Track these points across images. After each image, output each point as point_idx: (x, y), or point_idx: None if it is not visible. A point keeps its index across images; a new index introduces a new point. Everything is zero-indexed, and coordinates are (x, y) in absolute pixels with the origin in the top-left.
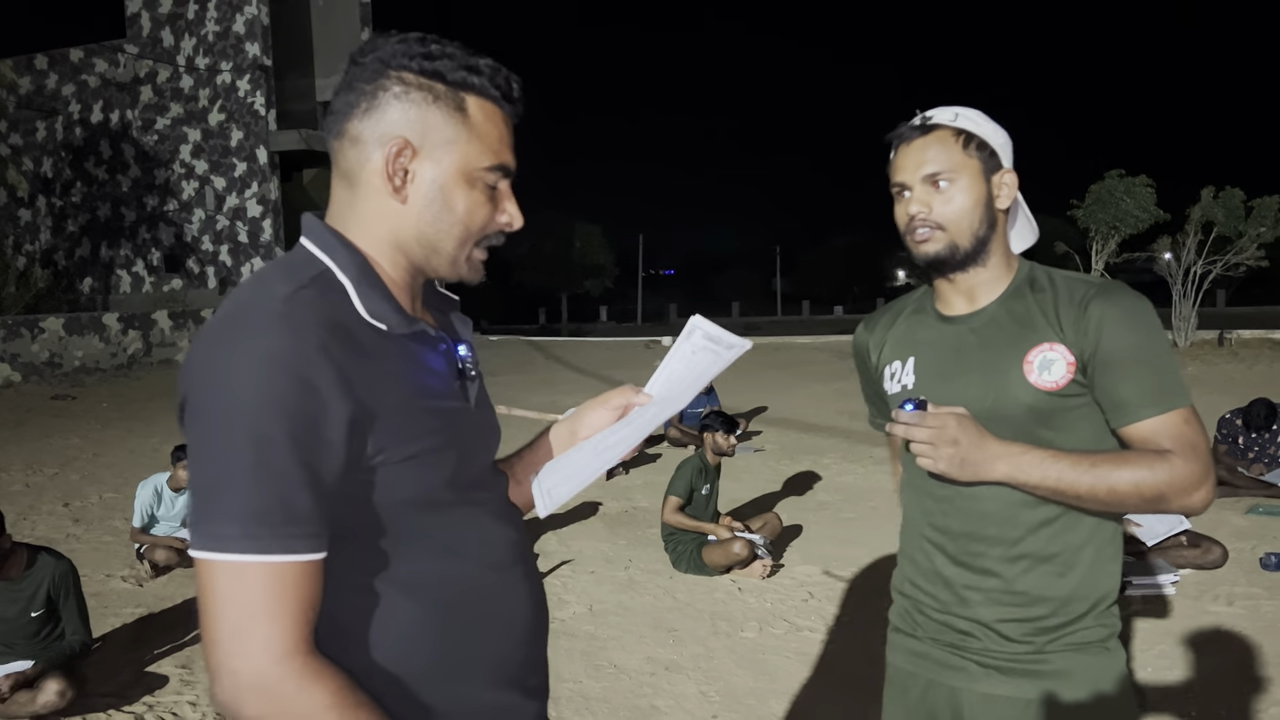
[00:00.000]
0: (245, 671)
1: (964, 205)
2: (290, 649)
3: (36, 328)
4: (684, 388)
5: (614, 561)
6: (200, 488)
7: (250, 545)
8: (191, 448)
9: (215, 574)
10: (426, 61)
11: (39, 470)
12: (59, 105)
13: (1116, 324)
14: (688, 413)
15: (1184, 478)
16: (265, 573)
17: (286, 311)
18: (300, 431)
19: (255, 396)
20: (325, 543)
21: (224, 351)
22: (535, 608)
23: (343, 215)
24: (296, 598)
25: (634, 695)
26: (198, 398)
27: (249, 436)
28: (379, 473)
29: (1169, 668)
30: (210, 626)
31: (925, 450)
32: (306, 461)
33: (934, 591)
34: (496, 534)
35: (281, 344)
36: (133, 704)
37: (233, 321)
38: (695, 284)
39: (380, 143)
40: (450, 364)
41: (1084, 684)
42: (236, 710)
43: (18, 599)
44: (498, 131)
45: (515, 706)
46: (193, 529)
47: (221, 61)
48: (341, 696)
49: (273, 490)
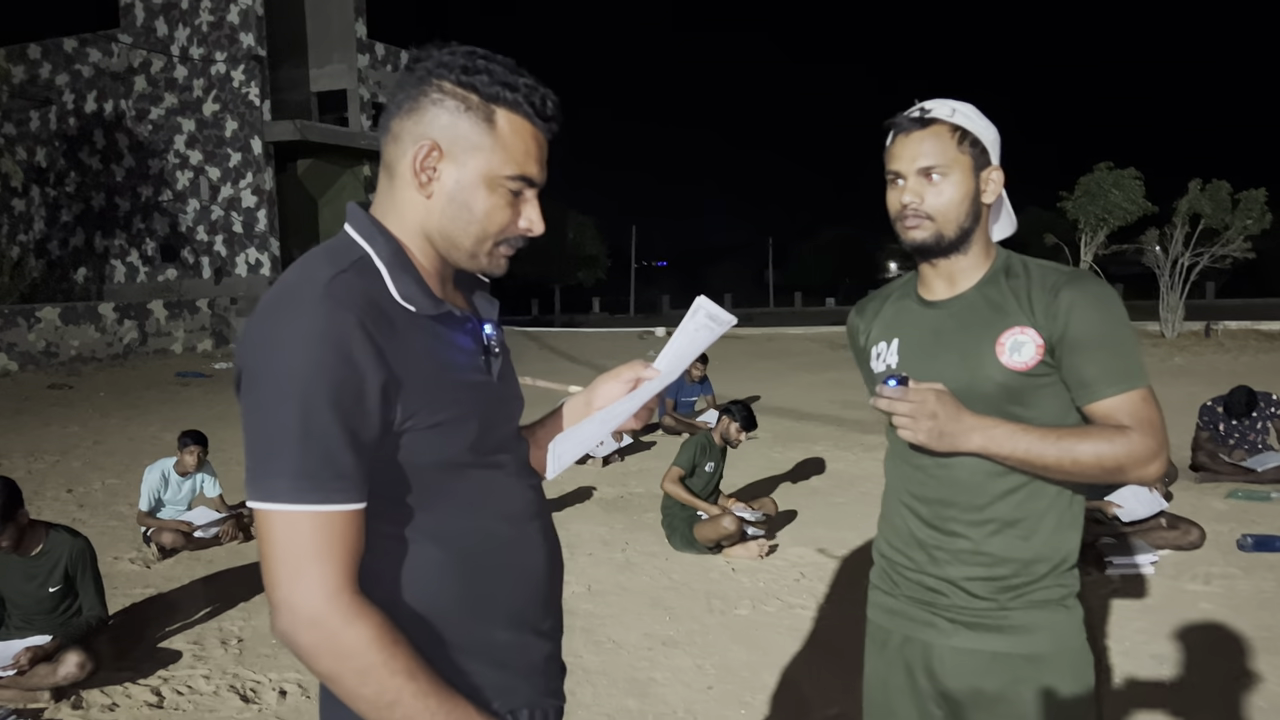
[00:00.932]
0: (301, 606)
1: (953, 198)
2: (339, 587)
3: (33, 317)
4: (681, 359)
5: (611, 544)
6: (256, 447)
7: (301, 497)
8: (247, 412)
9: (272, 522)
10: (465, 75)
11: (40, 457)
12: (53, 95)
13: (1084, 310)
14: (681, 401)
15: (1140, 451)
16: (315, 521)
17: (330, 293)
18: (343, 398)
19: (304, 368)
20: (365, 495)
21: (276, 328)
22: (550, 558)
23: (382, 204)
24: (343, 543)
25: (632, 668)
26: (253, 368)
27: (299, 403)
28: (408, 437)
29: (1146, 642)
30: (269, 568)
31: (905, 423)
32: (348, 425)
33: (909, 552)
34: (515, 492)
35: (326, 322)
36: (148, 677)
37: (283, 301)
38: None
39: (414, 141)
40: (476, 341)
41: (1043, 637)
42: (293, 640)
43: (35, 575)
44: (524, 145)
45: (531, 646)
46: (250, 483)
47: (215, 51)
48: (382, 633)
49: (319, 449)
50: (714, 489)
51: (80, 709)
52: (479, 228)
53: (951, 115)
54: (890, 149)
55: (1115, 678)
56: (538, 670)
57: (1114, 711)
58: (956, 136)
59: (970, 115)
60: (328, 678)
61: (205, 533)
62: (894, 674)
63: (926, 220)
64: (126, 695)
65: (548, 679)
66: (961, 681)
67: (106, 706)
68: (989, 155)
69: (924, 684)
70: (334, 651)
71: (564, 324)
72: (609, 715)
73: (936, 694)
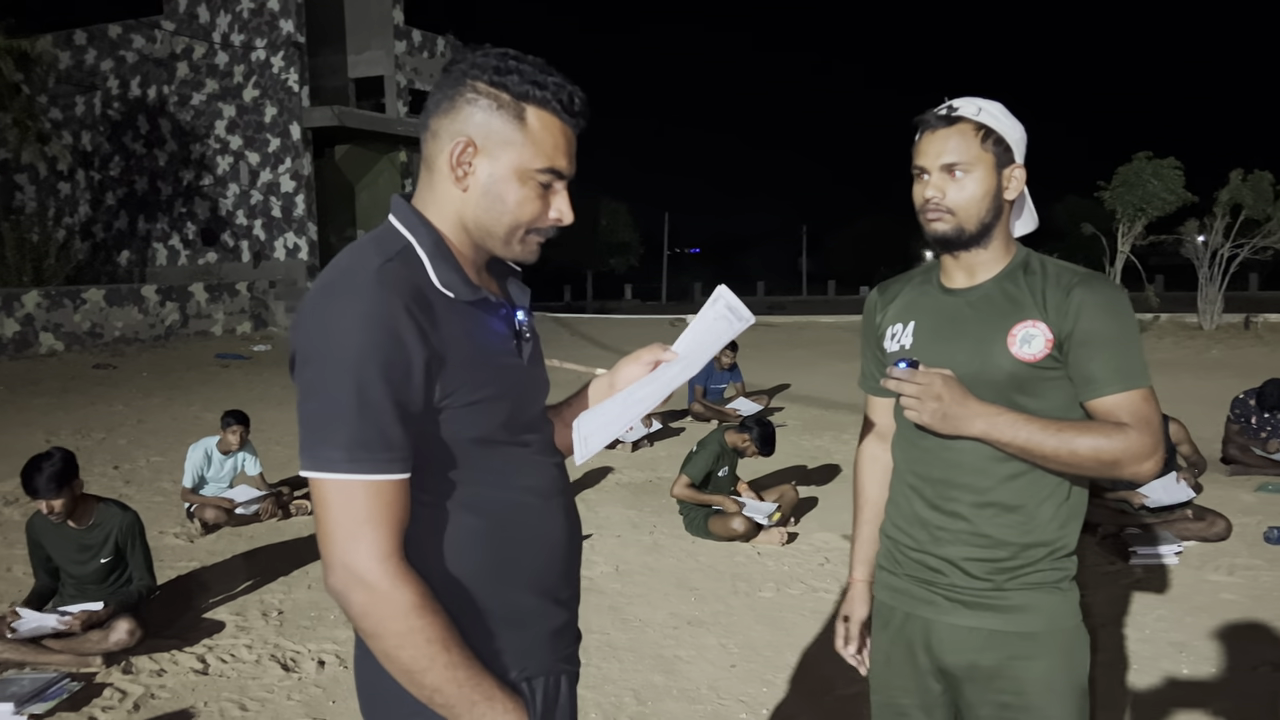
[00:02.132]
0: (356, 567)
1: (974, 194)
2: (389, 552)
3: (78, 299)
4: (702, 351)
5: (639, 527)
6: (311, 421)
7: (357, 467)
8: (303, 390)
9: (328, 490)
10: (497, 75)
11: (87, 435)
12: (98, 80)
13: (1094, 309)
14: (711, 388)
15: (1137, 448)
16: (369, 489)
17: (379, 279)
18: (393, 375)
19: (357, 347)
20: (411, 467)
21: (330, 311)
22: (570, 532)
23: (423, 196)
24: (393, 510)
25: (658, 646)
26: (308, 348)
27: (353, 379)
28: (447, 414)
29: (1166, 630)
30: (326, 532)
31: (912, 403)
32: (397, 400)
33: (911, 532)
34: (542, 468)
35: (377, 306)
36: (194, 645)
37: (335, 287)
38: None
39: (451, 138)
40: (509, 327)
41: (1038, 617)
42: (345, 598)
43: (89, 546)
44: (553, 140)
45: (551, 612)
46: (306, 454)
47: (256, 38)
48: (424, 600)
49: (372, 423)
50: (731, 487)
51: (130, 674)
52: (512, 218)
53: (977, 114)
54: (917, 144)
55: (1133, 664)
56: (556, 635)
57: (1130, 698)
58: (980, 135)
59: (996, 114)
60: (371, 635)
61: (246, 510)
62: (896, 650)
63: (948, 214)
64: (173, 662)
65: (565, 644)
66: (959, 657)
67: (155, 672)
68: (1013, 154)
69: (923, 660)
70: (380, 613)
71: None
72: (635, 689)
73: (935, 669)
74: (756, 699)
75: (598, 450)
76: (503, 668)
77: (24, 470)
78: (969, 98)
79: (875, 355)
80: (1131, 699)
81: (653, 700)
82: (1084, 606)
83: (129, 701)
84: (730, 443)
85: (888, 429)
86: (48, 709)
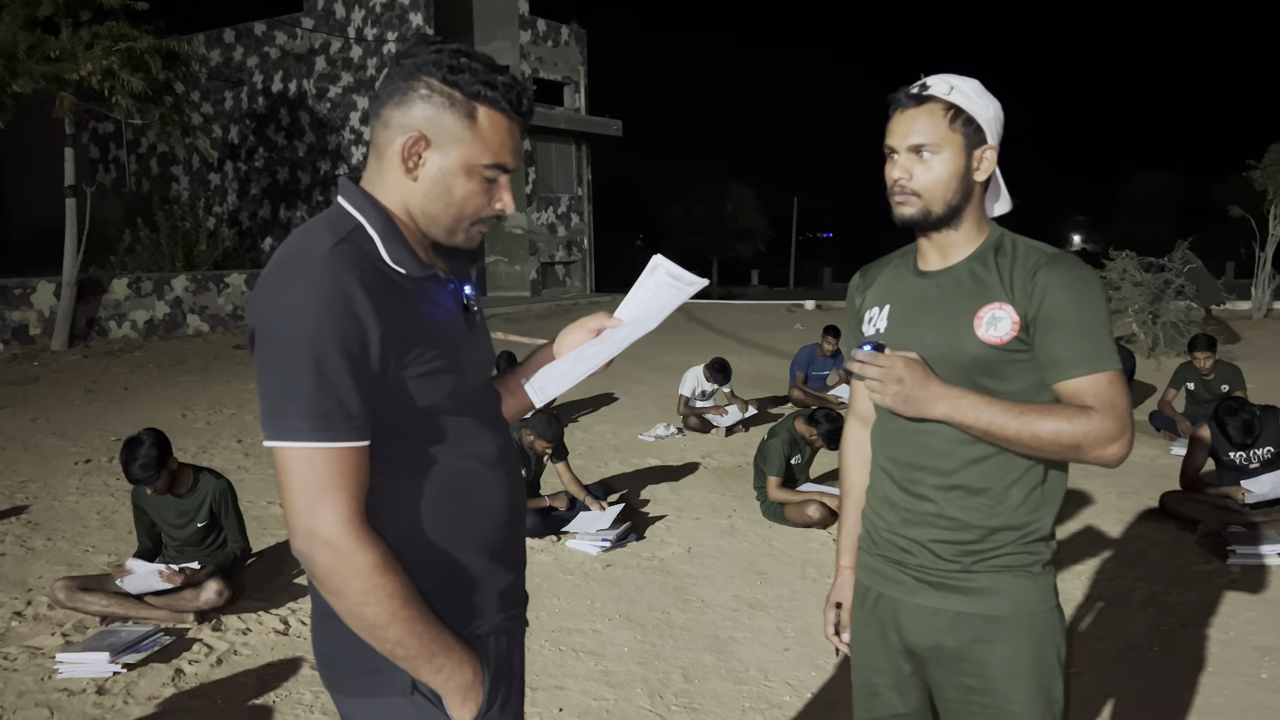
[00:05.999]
0: (320, 530)
1: (941, 176)
2: (351, 515)
3: (222, 283)
4: (651, 314)
5: (719, 510)
6: (272, 394)
7: (319, 435)
8: (262, 364)
9: (292, 458)
10: (450, 73)
11: (219, 410)
12: (244, 76)
13: (1059, 291)
14: (813, 375)
15: (1100, 432)
16: (330, 456)
17: (333, 258)
18: (350, 349)
19: (315, 323)
20: (369, 435)
21: (287, 289)
22: (514, 499)
23: (372, 180)
24: (354, 476)
25: (715, 627)
26: (268, 326)
27: (311, 353)
28: (398, 385)
29: (1254, 634)
30: (291, 497)
31: (875, 386)
32: (355, 372)
33: (883, 514)
34: (487, 438)
35: (332, 283)
36: (279, 608)
37: (291, 266)
38: (852, 248)
39: (403, 131)
40: (456, 301)
41: (1004, 600)
42: (309, 559)
43: (187, 511)
44: (500, 137)
45: (498, 573)
46: (268, 425)
47: (388, 32)
48: (385, 560)
49: (332, 393)
50: (805, 475)
51: (219, 631)
52: (457, 209)
53: (948, 93)
54: (889, 124)
55: (1209, 666)
56: (503, 595)
57: (1197, 698)
58: (950, 115)
59: (968, 93)
60: (335, 594)
61: None
62: (870, 629)
63: (914, 197)
64: (259, 622)
65: (511, 603)
66: (925, 638)
67: (240, 630)
68: (984, 134)
69: (894, 639)
70: (344, 572)
71: (721, 296)
72: (684, 667)
73: (904, 649)
74: (803, 683)
75: (553, 397)
76: (457, 624)
77: (121, 459)
78: (943, 75)
79: (856, 338)
80: (1198, 701)
81: (700, 679)
82: (1168, 606)
83: (213, 656)
84: (800, 432)
85: (871, 414)
86: (140, 659)
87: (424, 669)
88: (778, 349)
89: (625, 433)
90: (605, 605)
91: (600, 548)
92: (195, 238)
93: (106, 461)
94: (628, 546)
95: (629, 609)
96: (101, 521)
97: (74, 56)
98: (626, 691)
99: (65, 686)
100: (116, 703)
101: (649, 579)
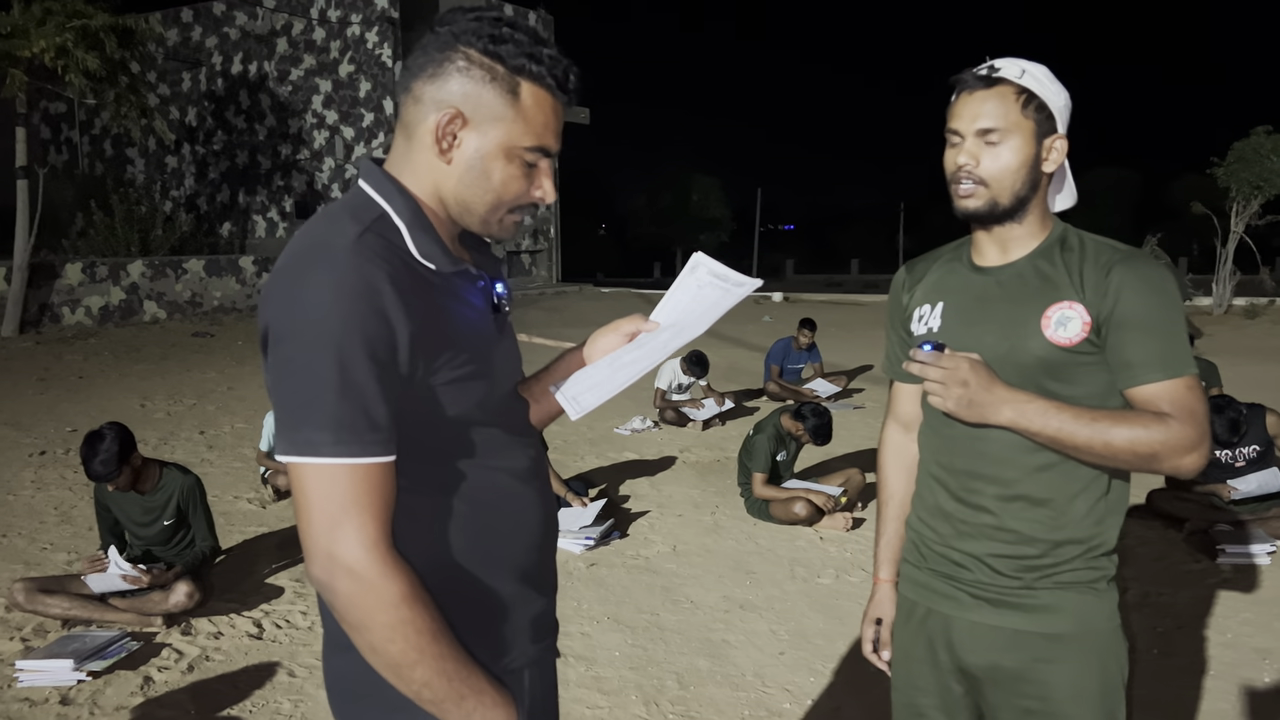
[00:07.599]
0: (341, 555)
1: (1010, 164)
2: (376, 539)
3: (180, 269)
4: (695, 318)
5: (701, 506)
6: (289, 402)
7: (341, 450)
8: (278, 368)
9: (311, 475)
10: (492, 44)
11: (179, 400)
12: (202, 57)
13: (1134, 290)
14: (788, 368)
15: (1178, 440)
16: (354, 473)
17: (358, 249)
18: (377, 352)
19: (339, 323)
20: (395, 448)
21: (306, 283)
22: (547, 516)
23: (398, 162)
24: (380, 495)
25: (707, 629)
26: (283, 325)
27: (335, 357)
28: (426, 392)
29: (1251, 635)
30: (309, 519)
31: (936, 389)
32: (381, 378)
33: (935, 525)
34: (518, 450)
35: (358, 277)
36: (251, 610)
37: (311, 258)
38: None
39: (437, 107)
40: (487, 299)
41: (1068, 618)
42: (329, 587)
43: (152, 509)
44: (544, 117)
45: (531, 599)
46: (284, 438)
47: (351, 14)
48: (414, 590)
49: (357, 402)
50: (790, 471)
51: (189, 635)
52: (495, 196)
53: (1020, 76)
54: (953, 106)
55: (1210, 670)
56: (536, 623)
57: (1203, 703)
58: (1022, 100)
59: (1040, 78)
60: (357, 628)
61: None
62: (917, 647)
63: (980, 186)
64: (231, 625)
65: (544, 632)
66: (980, 657)
67: (212, 634)
68: (1055, 122)
69: (944, 658)
70: (368, 604)
71: None
72: (678, 673)
73: (956, 669)
74: (802, 688)
75: (590, 408)
76: (488, 658)
77: (81, 454)
78: (1013, 58)
79: (902, 338)
80: (1204, 707)
81: (695, 685)
82: (1162, 607)
83: (184, 662)
84: (786, 428)
85: (913, 418)
86: (106, 666)
87: (452, 714)
88: (747, 341)
89: (601, 425)
90: (593, 607)
91: (584, 546)
92: (151, 222)
93: (63, 454)
94: (611, 545)
95: (617, 610)
96: (59, 517)
97: (26, 33)
98: (620, 699)
99: (26, 696)
100: (82, 713)
101: (636, 579)
